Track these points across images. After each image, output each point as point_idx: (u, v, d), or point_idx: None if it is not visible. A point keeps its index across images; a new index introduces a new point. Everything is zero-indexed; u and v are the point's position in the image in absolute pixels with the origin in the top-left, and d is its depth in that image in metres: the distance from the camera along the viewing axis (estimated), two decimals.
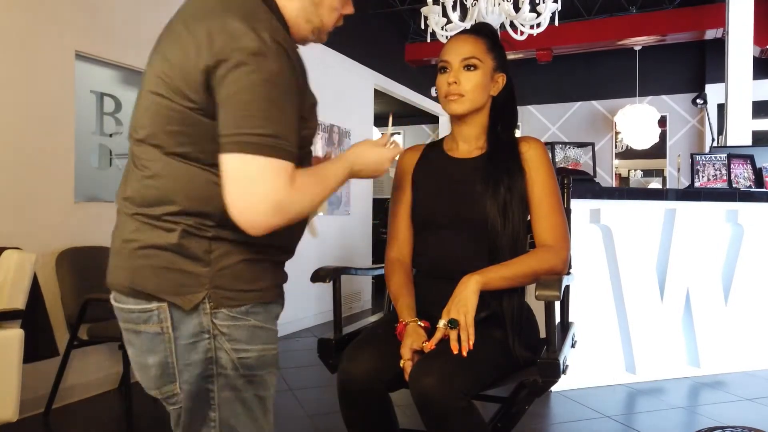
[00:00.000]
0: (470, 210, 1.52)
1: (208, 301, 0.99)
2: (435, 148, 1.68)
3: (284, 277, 1.11)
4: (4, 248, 2.44)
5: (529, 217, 1.55)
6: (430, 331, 1.41)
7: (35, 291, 2.44)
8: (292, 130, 0.97)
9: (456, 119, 1.60)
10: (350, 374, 1.33)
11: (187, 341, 1.00)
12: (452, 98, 1.53)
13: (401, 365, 1.36)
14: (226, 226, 0.97)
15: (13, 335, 2.18)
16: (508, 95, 1.61)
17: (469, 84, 1.52)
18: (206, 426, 1.04)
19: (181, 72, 0.95)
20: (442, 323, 1.38)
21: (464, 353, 1.32)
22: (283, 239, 1.05)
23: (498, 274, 1.42)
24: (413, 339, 1.38)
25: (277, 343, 1.09)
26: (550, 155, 3.92)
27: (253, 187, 0.92)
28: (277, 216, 0.94)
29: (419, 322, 1.43)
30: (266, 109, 0.92)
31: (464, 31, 1.63)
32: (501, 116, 1.62)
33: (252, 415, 1.05)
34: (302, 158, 1.05)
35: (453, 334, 1.36)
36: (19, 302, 2.25)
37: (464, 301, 1.37)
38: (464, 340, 1.33)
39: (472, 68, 1.53)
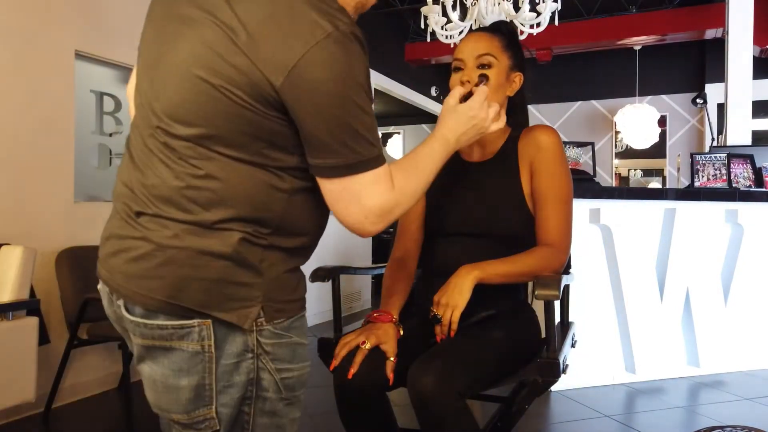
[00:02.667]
0: (482, 220, 1.50)
1: (258, 316, 0.90)
2: None
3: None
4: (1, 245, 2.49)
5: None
6: (400, 341, 1.39)
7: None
8: (375, 128, 0.90)
9: None
10: (346, 374, 1.32)
11: (229, 361, 0.89)
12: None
13: (362, 344, 1.34)
14: (280, 234, 0.91)
15: (31, 323, 2.39)
16: (521, 95, 1.57)
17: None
18: None
19: (246, 74, 0.83)
20: (432, 313, 1.39)
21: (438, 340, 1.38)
22: (316, 239, 1.01)
23: (496, 271, 1.40)
24: (382, 337, 1.36)
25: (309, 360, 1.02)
26: None
27: (357, 204, 0.89)
28: (384, 220, 0.93)
29: (400, 330, 1.42)
30: (358, 121, 0.86)
31: (480, 29, 1.57)
32: (517, 117, 1.60)
33: None
34: None
35: (437, 329, 1.38)
36: (26, 294, 2.41)
37: (457, 294, 1.35)
38: (442, 333, 1.37)
39: (486, 67, 1.47)
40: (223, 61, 0.83)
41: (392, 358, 1.33)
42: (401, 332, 1.41)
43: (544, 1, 4.30)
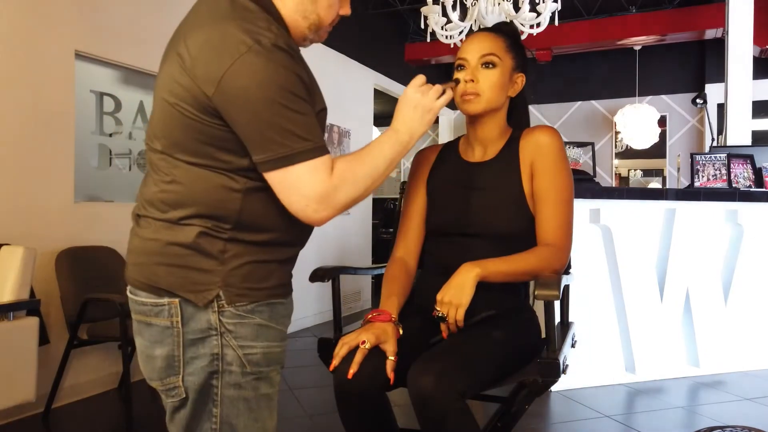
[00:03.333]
0: (482, 220, 1.50)
1: (218, 299, 1.04)
2: (450, 150, 1.64)
3: (289, 275, 1.16)
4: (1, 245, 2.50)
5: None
6: (400, 341, 1.39)
7: None
8: (313, 125, 1.04)
9: (471, 120, 1.54)
10: (346, 374, 1.31)
11: (194, 336, 1.05)
12: (468, 98, 1.47)
13: (362, 344, 1.33)
14: (242, 229, 1.05)
15: (32, 323, 2.41)
16: (522, 96, 1.57)
17: (486, 83, 1.47)
18: (208, 420, 1.08)
19: (189, 90, 1.00)
20: (436, 312, 1.39)
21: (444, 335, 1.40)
22: (292, 235, 1.12)
23: (498, 269, 1.40)
24: (382, 337, 1.35)
25: (283, 342, 1.15)
26: None
27: (296, 193, 1.02)
28: (327, 207, 1.04)
29: (400, 329, 1.41)
30: (284, 119, 0.99)
31: (484, 29, 1.57)
32: (519, 118, 1.60)
33: (255, 414, 1.09)
34: None
35: (443, 326, 1.40)
36: (26, 294, 2.42)
37: (460, 291, 1.35)
38: (449, 330, 1.39)
39: (490, 66, 1.47)
40: (175, 83, 1.02)
41: (392, 358, 1.33)
42: (401, 331, 1.41)
43: (544, 1, 4.31)
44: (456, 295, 1.35)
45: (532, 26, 4.41)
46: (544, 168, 1.47)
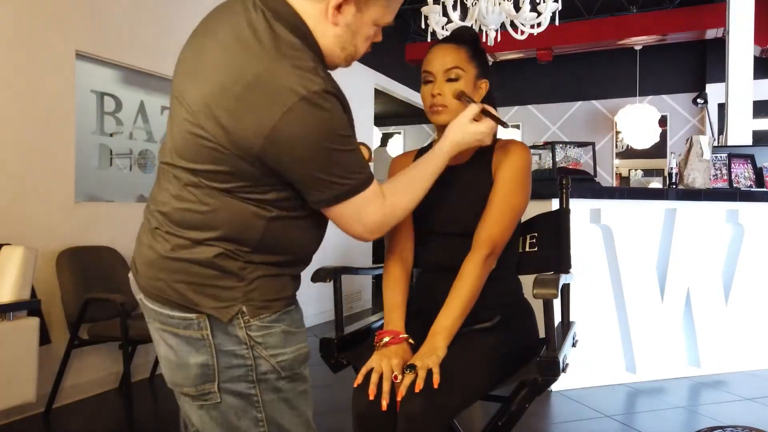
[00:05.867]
0: (464, 219, 1.52)
1: (242, 314, 1.07)
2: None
3: (298, 286, 1.21)
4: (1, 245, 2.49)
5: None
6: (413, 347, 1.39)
7: None
8: (360, 157, 1.08)
9: (441, 128, 1.57)
10: (368, 397, 1.28)
11: (226, 348, 1.08)
12: (436, 110, 1.54)
13: (396, 379, 1.30)
14: (260, 252, 1.08)
15: (32, 323, 2.40)
16: (489, 100, 1.60)
17: (452, 95, 1.53)
18: (256, 426, 1.12)
19: (230, 133, 0.99)
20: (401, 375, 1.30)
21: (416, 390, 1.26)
22: (303, 256, 1.18)
23: (454, 320, 1.39)
24: (404, 357, 1.35)
25: (306, 340, 1.19)
26: (551, 155, 3.91)
27: (356, 222, 1.10)
28: (382, 229, 1.14)
29: (410, 340, 1.41)
30: (338, 162, 1.03)
31: (445, 40, 1.62)
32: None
33: (296, 410, 1.16)
34: None
35: (407, 379, 1.27)
36: (27, 294, 2.41)
37: (432, 354, 1.31)
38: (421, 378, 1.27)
39: (454, 80, 1.53)
40: (213, 118, 1.00)
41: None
42: (411, 341, 1.40)
43: (544, 1, 4.30)
44: (425, 360, 1.29)
45: (532, 26, 4.42)
46: (502, 174, 1.51)
